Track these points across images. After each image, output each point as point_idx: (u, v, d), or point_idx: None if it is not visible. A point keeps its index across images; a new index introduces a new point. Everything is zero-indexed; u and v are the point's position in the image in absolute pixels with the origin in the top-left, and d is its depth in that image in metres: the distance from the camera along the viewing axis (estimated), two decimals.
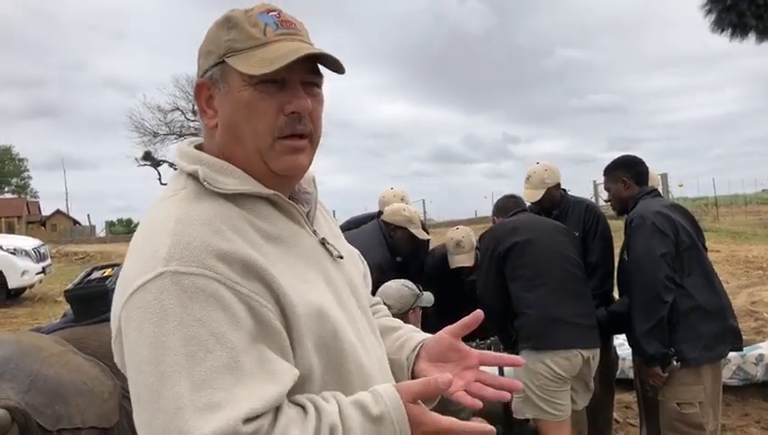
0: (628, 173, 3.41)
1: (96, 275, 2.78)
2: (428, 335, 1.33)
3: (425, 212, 33.63)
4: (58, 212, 58.13)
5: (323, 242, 1.17)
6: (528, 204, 3.88)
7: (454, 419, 1.00)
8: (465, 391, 1.14)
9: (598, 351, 3.21)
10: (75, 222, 53.12)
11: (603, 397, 3.82)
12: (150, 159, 39.05)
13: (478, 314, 1.22)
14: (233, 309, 0.92)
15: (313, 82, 1.11)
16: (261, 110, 1.06)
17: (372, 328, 1.23)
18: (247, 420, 0.86)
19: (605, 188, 3.58)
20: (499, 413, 3.53)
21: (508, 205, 3.72)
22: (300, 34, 1.11)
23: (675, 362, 3.00)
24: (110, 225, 43.71)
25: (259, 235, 1.04)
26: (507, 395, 1.16)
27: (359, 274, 1.30)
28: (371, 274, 3.83)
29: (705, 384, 3.02)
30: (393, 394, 0.98)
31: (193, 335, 0.88)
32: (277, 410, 0.91)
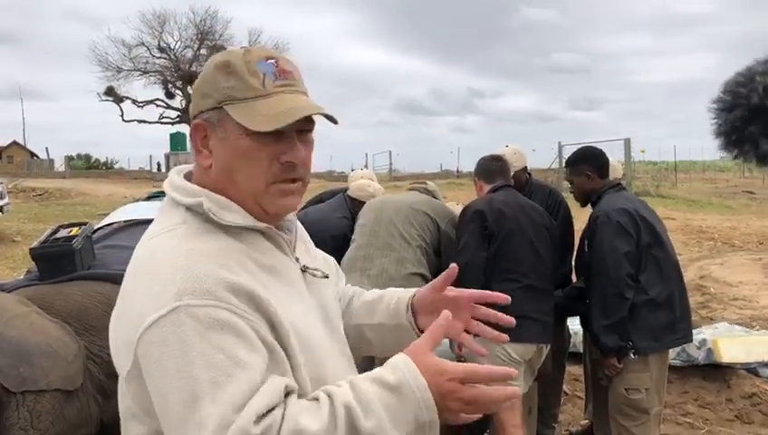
0: (590, 166, 3.47)
1: (62, 233, 2.73)
2: (413, 290, 1.39)
3: (391, 164, 33.70)
4: (15, 144, 55.97)
5: (304, 269, 1.23)
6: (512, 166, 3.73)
7: (476, 364, 1.01)
8: (465, 331, 1.28)
9: (549, 345, 3.33)
10: (33, 155, 51.54)
11: (554, 373, 3.97)
12: (113, 95, 37.91)
13: (454, 268, 1.30)
14: (247, 335, 0.99)
15: (307, 130, 1.16)
16: (257, 158, 1.11)
17: (342, 348, 1.29)
18: (258, 420, 0.91)
19: (567, 180, 3.64)
20: None
21: (492, 168, 3.54)
22: (297, 85, 1.15)
23: (632, 355, 3.13)
24: (69, 159, 42.14)
25: (257, 266, 1.10)
26: (505, 337, 1.37)
27: (334, 292, 1.36)
28: (338, 241, 3.87)
29: (651, 372, 3.18)
30: (406, 361, 1.00)
31: (214, 362, 0.94)
32: (286, 402, 0.96)
